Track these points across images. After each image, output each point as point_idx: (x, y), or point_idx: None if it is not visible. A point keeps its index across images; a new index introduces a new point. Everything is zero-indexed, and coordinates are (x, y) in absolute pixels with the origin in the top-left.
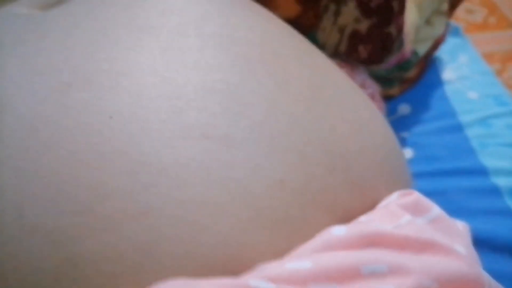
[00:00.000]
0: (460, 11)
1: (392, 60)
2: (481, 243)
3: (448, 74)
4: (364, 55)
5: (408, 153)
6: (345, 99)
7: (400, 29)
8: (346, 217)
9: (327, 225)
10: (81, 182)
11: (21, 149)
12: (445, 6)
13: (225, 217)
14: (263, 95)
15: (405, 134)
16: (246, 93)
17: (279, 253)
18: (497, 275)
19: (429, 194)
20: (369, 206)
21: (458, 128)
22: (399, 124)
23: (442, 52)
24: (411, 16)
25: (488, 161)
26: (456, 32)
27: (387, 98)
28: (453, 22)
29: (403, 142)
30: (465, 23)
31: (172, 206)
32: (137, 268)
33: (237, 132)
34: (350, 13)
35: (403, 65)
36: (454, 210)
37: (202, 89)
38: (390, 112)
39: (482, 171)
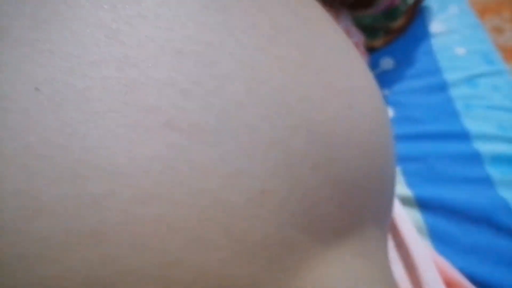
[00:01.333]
0: None
1: (381, 4)
2: (459, 213)
3: (436, 26)
4: None
5: (389, 112)
6: (338, 61)
7: None
8: (326, 234)
9: (307, 246)
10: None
11: None
12: None
13: (200, 246)
14: (244, 61)
15: (386, 92)
16: (223, 59)
17: (259, 284)
18: (472, 247)
19: (409, 158)
20: (352, 215)
21: (443, 87)
22: (381, 80)
23: (431, 1)
24: None
25: (471, 125)
26: None
27: (370, 50)
28: None
29: (384, 100)
30: None
31: (131, 229)
32: None
33: (212, 121)
34: None
35: (391, 13)
36: (433, 176)
37: (165, 52)
38: (373, 66)
39: (464, 135)
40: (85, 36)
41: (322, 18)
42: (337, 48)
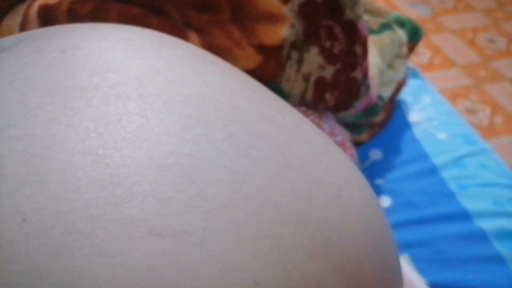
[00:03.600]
0: None
1: (360, 105)
2: None
3: (414, 116)
4: (331, 103)
5: (386, 201)
6: (317, 157)
7: (365, 73)
8: None
9: None
10: None
11: None
12: (404, 50)
13: None
14: (225, 168)
15: (380, 181)
16: (203, 168)
17: None
18: None
19: (414, 244)
20: None
21: (433, 170)
22: (372, 171)
23: (406, 95)
24: (374, 60)
25: (469, 204)
26: (415, 74)
27: (357, 144)
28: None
29: (379, 190)
30: (412, 64)
31: None
32: None
33: (196, 223)
34: (313, 60)
35: (371, 110)
36: (443, 261)
37: (148, 168)
38: (362, 159)
39: (464, 215)
40: (72, 164)
41: (299, 122)
42: (317, 147)
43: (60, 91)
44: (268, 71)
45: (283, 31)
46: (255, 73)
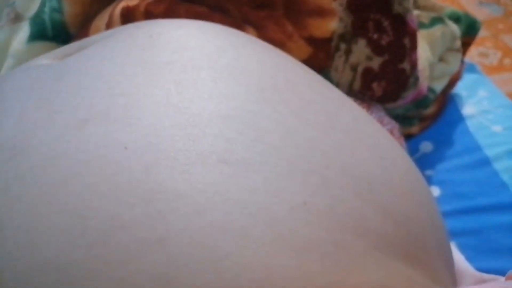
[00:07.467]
0: (474, 55)
1: (408, 97)
2: None
3: (468, 109)
4: (379, 93)
5: (435, 191)
6: (362, 126)
7: (414, 65)
8: (382, 244)
9: (362, 249)
10: (96, 214)
11: (37, 185)
12: (458, 43)
13: (248, 241)
14: (279, 121)
15: (429, 172)
16: (262, 120)
17: (311, 276)
18: None
19: (462, 233)
20: (404, 236)
21: (486, 162)
22: (422, 162)
23: (460, 89)
24: (424, 53)
25: None
26: (472, 69)
27: (408, 137)
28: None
29: (428, 180)
30: (480, 66)
31: (191, 233)
32: None
33: (255, 157)
34: (361, 51)
35: (421, 103)
36: (493, 249)
37: (217, 116)
38: (412, 151)
39: None
40: (159, 112)
41: (342, 96)
42: (362, 119)
43: (149, 64)
44: (318, 62)
45: (332, 25)
46: (306, 63)
